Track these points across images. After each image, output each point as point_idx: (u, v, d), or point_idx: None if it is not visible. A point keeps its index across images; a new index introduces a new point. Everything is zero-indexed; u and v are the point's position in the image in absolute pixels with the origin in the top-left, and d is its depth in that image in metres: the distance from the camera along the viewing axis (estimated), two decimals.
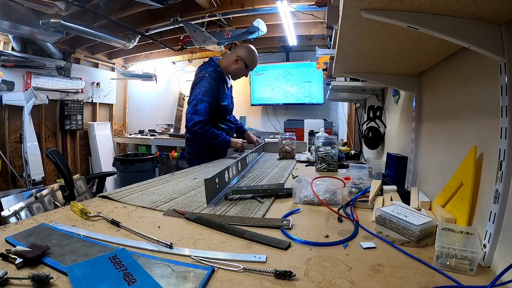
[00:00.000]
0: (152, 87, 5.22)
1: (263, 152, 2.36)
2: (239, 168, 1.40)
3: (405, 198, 0.90)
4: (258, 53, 2.10)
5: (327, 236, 0.67)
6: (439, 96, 0.94)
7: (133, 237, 0.64)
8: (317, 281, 0.48)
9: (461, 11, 0.51)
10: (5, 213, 2.37)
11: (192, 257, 0.55)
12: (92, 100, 4.50)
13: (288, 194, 1.00)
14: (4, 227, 0.65)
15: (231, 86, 2.17)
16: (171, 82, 5.60)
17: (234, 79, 2.12)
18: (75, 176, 3.04)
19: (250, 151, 1.85)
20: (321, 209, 0.88)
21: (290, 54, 4.69)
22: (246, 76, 2.14)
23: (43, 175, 3.52)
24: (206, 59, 2.11)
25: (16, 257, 0.49)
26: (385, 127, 1.66)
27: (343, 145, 2.53)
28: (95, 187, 3.28)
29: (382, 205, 0.87)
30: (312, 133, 2.81)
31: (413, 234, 0.62)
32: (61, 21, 2.75)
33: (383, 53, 0.85)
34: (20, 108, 3.39)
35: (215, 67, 1.95)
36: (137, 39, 3.67)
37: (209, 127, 1.85)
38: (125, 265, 0.49)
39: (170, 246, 0.59)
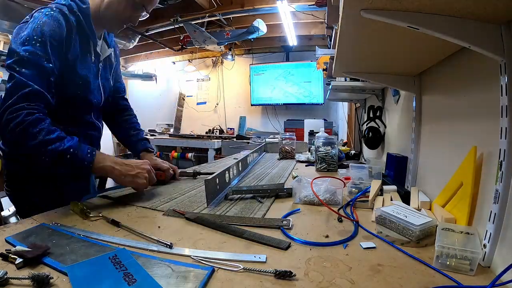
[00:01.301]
0: (152, 87, 5.23)
1: (264, 153, 2.36)
2: (240, 169, 1.40)
3: (405, 198, 0.91)
4: (258, 53, 2.09)
5: (327, 236, 0.67)
6: (439, 96, 0.94)
7: (133, 237, 0.64)
8: (317, 281, 0.48)
9: (461, 11, 0.51)
10: (5, 213, 2.37)
11: (192, 257, 0.55)
12: None
13: (288, 194, 1.00)
14: (4, 227, 0.65)
15: (108, 58, 1.09)
16: (171, 82, 5.61)
17: (115, 29, 1.01)
18: None
19: (251, 151, 1.82)
20: (321, 209, 0.88)
21: (290, 54, 4.70)
22: (134, 24, 0.99)
23: None
24: (206, 59, 2.09)
25: (16, 257, 0.49)
26: (385, 127, 1.66)
27: (343, 145, 2.54)
28: None
29: (382, 205, 0.87)
30: (312, 133, 2.81)
31: (413, 234, 0.62)
32: None
33: (383, 53, 0.85)
34: None
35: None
36: (137, 39, 3.68)
37: (39, 122, 0.78)
38: (125, 265, 0.49)
39: (170, 246, 0.59)
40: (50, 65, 0.82)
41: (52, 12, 0.85)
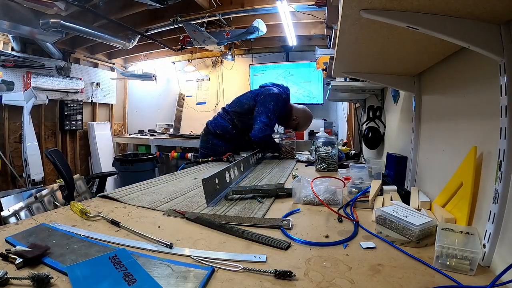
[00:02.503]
0: (152, 87, 5.22)
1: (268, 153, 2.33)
2: (242, 169, 1.40)
3: (405, 198, 0.91)
4: (257, 53, 2.12)
5: (327, 236, 0.67)
6: (438, 96, 0.94)
7: (133, 237, 0.64)
8: (317, 281, 0.48)
9: (460, 11, 0.51)
10: (5, 213, 2.37)
11: (192, 257, 0.55)
12: (91, 100, 4.50)
13: (288, 194, 1.00)
14: (4, 227, 0.65)
15: None
16: (171, 82, 5.59)
17: (279, 124, 2.25)
18: (75, 176, 3.03)
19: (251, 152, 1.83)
20: (321, 209, 0.88)
21: (290, 54, 4.69)
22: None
23: (43, 175, 3.52)
24: (206, 59, 2.11)
25: (16, 257, 0.49)
26: (385, 127, 1.66)
27: (343, 145, 2.53)
28: (95, 187, 3.28)
29: (382, 205, 0.87)
30: (312, 133, 2.81)
31: (413, 234, 0.62)
32: (61, 21, 2.74)
33: (382, 53, 0.85)
34: (20, 108, 3.39)
35: (287, 94, 2.09)
36: (137, 39, 3.67)
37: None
38: (125, 265, 0.49)
39: (170, 246, 0.59)
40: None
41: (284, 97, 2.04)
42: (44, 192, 2.75)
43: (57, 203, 2.74)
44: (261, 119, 1.89)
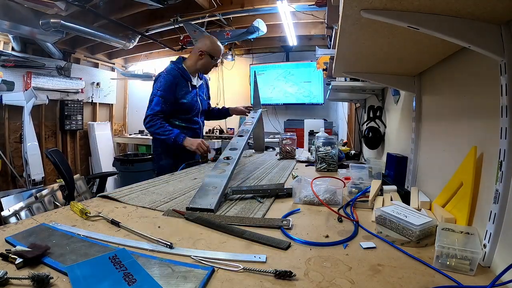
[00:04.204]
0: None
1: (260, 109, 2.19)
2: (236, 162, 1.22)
3: (405, 198, 0.91)
4: (258, 53, 2.12)
5: (327, 236, 0.67)
6: (439, 96, 0.94)
7: (133, 237, 0.64)
8: (317, 281, 0.48)
9: (461, 11, 0.51)
10: (5, 213, 2.37)
11: (192, 257, 0.55)
12: (92, 100, 4.50)
13: (288, 194, 1.00)
14: (4, 227, 0.65)
15: (202, 85, 2.07)
16: None
17: (206, 73, 2.08)
18: (75, 176, 3.04)
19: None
20: (321, 209, 0.88)
21: (290, 54, 4.69)
22: (216, 66, 2.18)
23: (43, 175, 3.53)
24: None
25: (16, 257, 0.49)
26: (385, 127, 1.66)
27: (343, 145, 2.53)
28: (95, 187, 3.28)
29: (382, 205, 0.87)
30: (312, 133, 2.80)
31: (413, 234, 0.62)
32: (61, 21, 2.75)
33: (383, 53, 0.85)
34: (20, 108, 3.39)
35: (177, 64, 1.94)
36: (137, 39, 3.67)
37: (160, 121, 1.78)
38: (125, 265, 0.49)
39: (170, 246, 0.59)
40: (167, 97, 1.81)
41: (169, 70, 1.90)
42: (44, 192, 2.76)
43: (57, 203, 2.74)
44: (149, 101, 1.81)
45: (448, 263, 0.52)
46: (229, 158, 1.22)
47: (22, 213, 2.46)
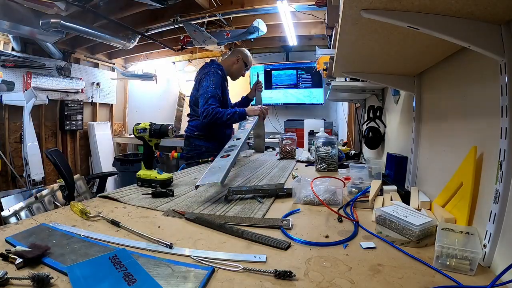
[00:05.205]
0: (152, 87, 5.22)
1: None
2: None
3: (405, 198, 0.90)
4: (258, 53, 2.15)
5: (327, 236, 0.67)
6: (439, 96, 0.94)
7: (133, 237, 0.64)
8: (317, 281, 0.48)
9: (461, 11, 0.51)
10: (5, 213, 2.37)
11: (192, 257, 0.55)
12: (92, 100, 4.50)
13: (288, 194, 1.00)
14: (4, 227, 0.65)
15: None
16: (171, 82, 5.60)
17: (234, 79, 2.22)
18: (75, 176, 3.04)
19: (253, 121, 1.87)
20: (321, 209, 0.88)
21: (290, 54, 4.69)
22: (244, 76, 2.29)
23: (43, 175, 3.52)
24: (206, 59, 2.14)
25: (16, 257, 0.49)
26: (385, 127, 1.66)
27: (343, 145, 2.53)
28: (95, 187, 3.28)
29: (382, 205, 0.87)
30: (312, 133, 2.80)
31: (413, 234, 0.62)
32: (61, 21, 2.74)
33: (383, 53, 0.85)
34: (20, 108, 3.39)
35: (218, 65, 2.07)
36: (137, 39, 3.67)
37: (220, 109, 1.89)
38: (125, 265, 0.49)
39: (170, 246, 0.59)
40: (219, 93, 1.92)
41: (216, 69, 2.00)
42: (44, 192, 2.75)
43: (57, 203, 2.74)
44: (200, 105, 1.87)
45: (448, 263, 0.52)
46: (234, 145, 1.43)
47: (22, 213, 2.46)
